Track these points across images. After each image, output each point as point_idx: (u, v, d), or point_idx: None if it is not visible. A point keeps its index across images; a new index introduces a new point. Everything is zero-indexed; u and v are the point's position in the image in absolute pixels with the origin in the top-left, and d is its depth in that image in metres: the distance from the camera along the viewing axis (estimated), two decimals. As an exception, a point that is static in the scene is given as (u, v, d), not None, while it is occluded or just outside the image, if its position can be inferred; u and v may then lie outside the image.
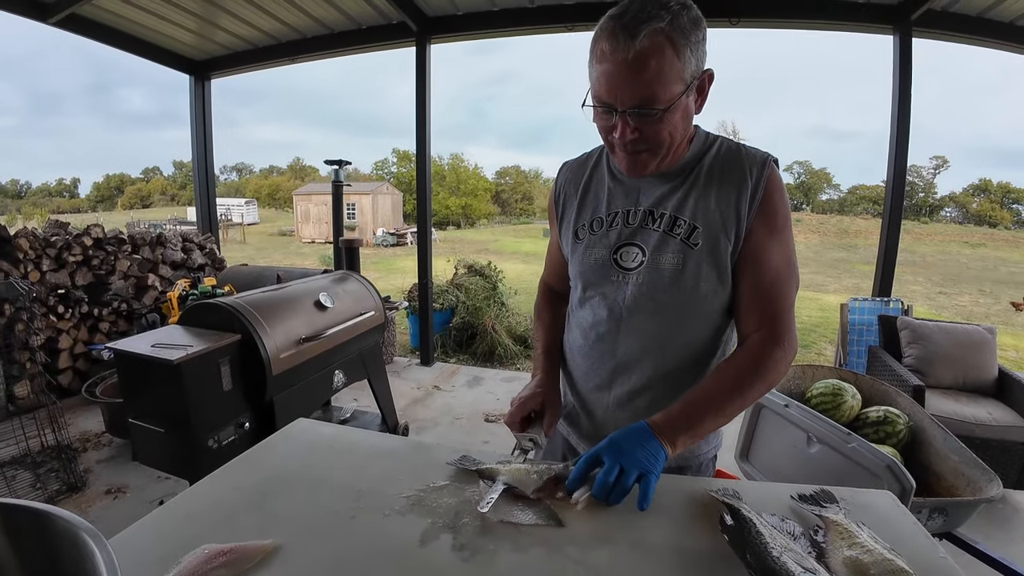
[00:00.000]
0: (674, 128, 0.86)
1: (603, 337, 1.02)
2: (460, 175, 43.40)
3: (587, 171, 1.08)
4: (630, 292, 0.97)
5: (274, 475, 0.88)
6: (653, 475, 0.78)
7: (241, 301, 2.12)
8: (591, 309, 1.04)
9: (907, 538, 0.73)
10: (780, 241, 0.92)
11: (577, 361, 1.09)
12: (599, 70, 0.83)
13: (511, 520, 0.75)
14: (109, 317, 4.05)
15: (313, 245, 24.18)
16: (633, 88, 0.80)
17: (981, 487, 1.64)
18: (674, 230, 0.94)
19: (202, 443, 1.87)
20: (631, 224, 0.98)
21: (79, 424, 3.36)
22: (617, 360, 1.01)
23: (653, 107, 0.81)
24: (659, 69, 0.79)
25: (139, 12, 4.09)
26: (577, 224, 1.06)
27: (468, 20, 4.18)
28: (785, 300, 0.93)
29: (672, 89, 0.81)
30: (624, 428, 0.85)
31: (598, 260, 1.00)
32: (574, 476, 0.81)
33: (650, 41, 0.77)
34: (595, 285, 1.02)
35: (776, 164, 0.93)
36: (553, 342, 1.17)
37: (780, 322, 0.92)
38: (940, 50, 15.50)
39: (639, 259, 0.96)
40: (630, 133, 0.85)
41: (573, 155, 1.15)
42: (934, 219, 47.00)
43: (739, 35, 5.61)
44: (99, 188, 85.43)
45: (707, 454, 1.09)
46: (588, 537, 0.73)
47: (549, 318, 1.21)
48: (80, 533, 0.49)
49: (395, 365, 4.85)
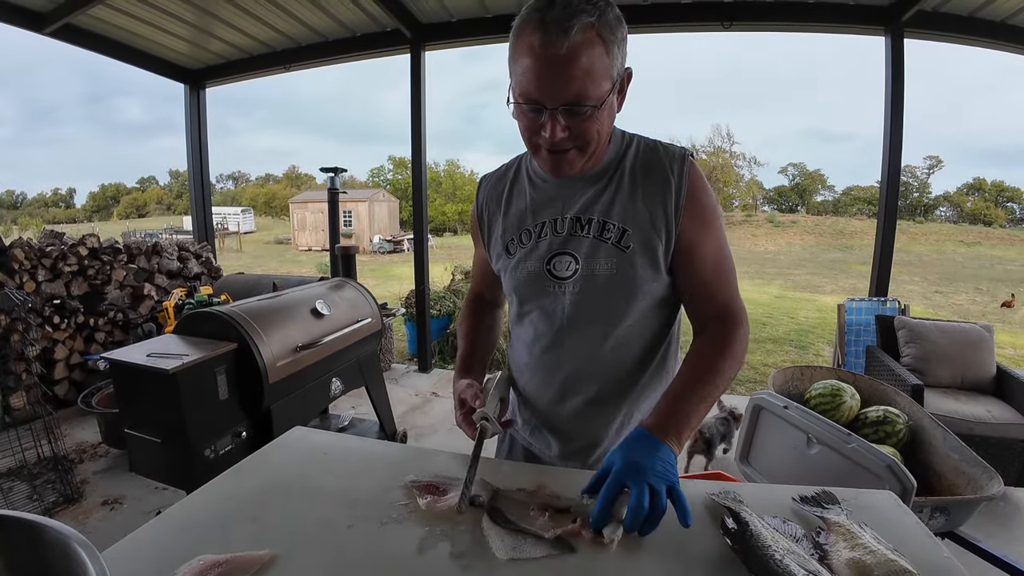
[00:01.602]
0: (602, 126, 0.84)
1: (548, 350, 1.01)
2: (456, 181, 43.42)
3: (507, 184, 1.05)
4: (568, 301, 0.96)
5: (270, 485, 0.87)
6: (678, 485, 0.73)
7: (237, 310, 2.11)
8: (531, 323, 1.02)
9: (910, 538, 0.72)
10: (712, 233, 0.93)
11: (526, 377, 1.07)
12: (525, 65, 0.78)
13: (521, 557, 0.69)
14: (105, 327, 4.03)
15: (310, 253, 24.15)
16: (564, 85, 0.77)
17: (982, 485, 1.63)
18: (604, 235, 0.92)
19: (199, 453, 1.86)
20: (560, 233, 0.95)
21: (75, 435, 3.34)
22: (566, 372, 1.00)
23: (584, 104, 0.79)
24: (591, 65, 0.76)
25: (133, 21, 4.10)
26: (505, 239, 1.02)
27: (462, 27, 4.19)
28: (730, 286, 0.96)
29: (602, 86, 0.79)
30: (628, 441, 0.79)
31: (531, 273, 0.98)
32: (599, 512, 0.72)
33: (582, 36, 0.75)
34: (531, 299, 1.00)
35: (693, 157, 0.93)
36: (472, 348, 1.13)
37: (731, 305, 0.95)
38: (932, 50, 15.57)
39: (573, 267, 0.94)
40: (560, 132, 0.81)
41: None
42: (929, 219, 47.16)
43: (731, 38, 5.64)
44: (95, 198, 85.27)
45: None
46: (589, 542, 0.72)
47: (467, 327, 1.18)
48: (72, 544, 0.49)
49: (393, 372, 4.83)
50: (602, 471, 0.77)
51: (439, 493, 0.83)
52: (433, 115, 7.40)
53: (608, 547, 0.70)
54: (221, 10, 3.99)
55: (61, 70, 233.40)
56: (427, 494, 0.82)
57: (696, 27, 3.93)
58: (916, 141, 79.13)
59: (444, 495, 0.82)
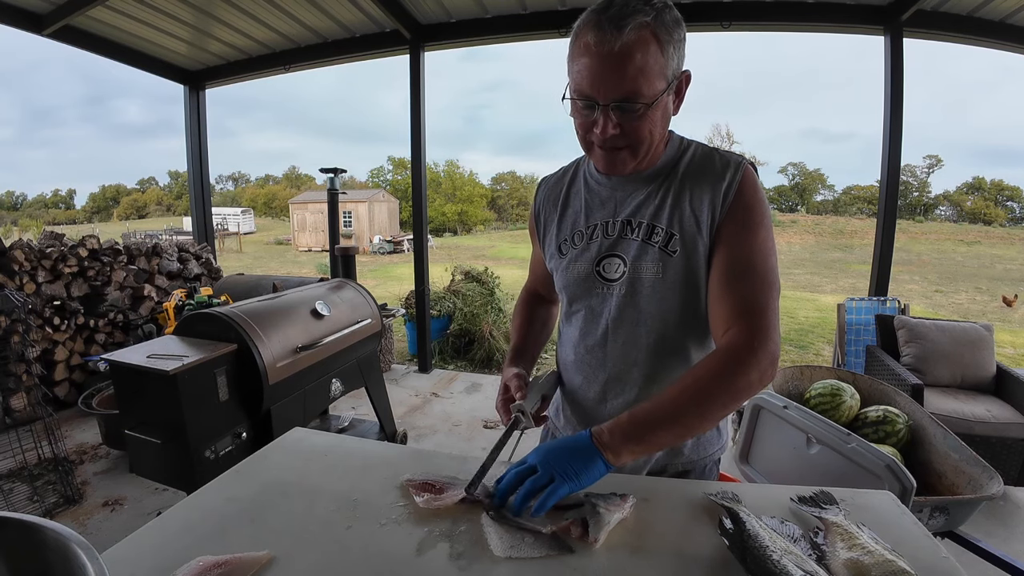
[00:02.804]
0: (654, 126, 0.84)
1: (592, 350, 1.01)
2: (456, 181, 43.45)
3: (564, 186, 1.07)
4: (615, 303, 0.96)
5: (269, 486, 0.87)
6: (570, 485, 0.75)
7: (237, 311, 2.11)
8: (578, 323, 1.03)
9: (908, 538, 0.72)
10: (752, 236, 0.87)
11: (571, 376, 1.08)
12: (581, 63, 0.80)
13: (519, 556, 0.69)
14: (105, 328, 4.04)
15: (309, 253, 24.15)
16: (617, 81, 0.78)
17: (982, 485, 1.63)
18: (652, 239, 0.92)
19: (199, 454, 1.86)
20: (610, 235, 0.97)
21: (75, 436, 3.34)
22: (608, 373, 1.00)
23: (637, 101, 0.80)
24: (644, 63, 0.77)
25: (133, 23, 4.10)
26: (559, 239, 1.05)
27: (461, 27, 4.20)
28: (759, 295, 0.84)
29: (656, 85, 0.80)
30: (565, 437, 0.83)
31: (581, 273, 0.99)
32: (503, 488, 0.77)
33: (636, 34, 0.76)
34: (580, 298, 1.02)
35: (754, 168, 0.91)
36: (523, 341, 1.17)
37: (753, 319, 0.83)
38: (931, 50, 15.60)
39: (621, 270, 0.95)
40: (612, 129, 0.83)
41: (569, 160, 1.15)
42: (929, 218, 47.11)
43: (731, 38, 5.64)
44: (95, 199, 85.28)
45: (710, 457, 1.07)
46: (577, 538, 0.72)
47: (521, 320, 1.22)
48: (71, 546, 0.49)
49: (393, 373, 4.84)
50: (528, 456, 0.81)
51: (435, 491, 0.83)
52: (433, 116, 7.40)
53: (592, 545, 0.71)
54: (220, 11, 4.00)
55: (61, 72, 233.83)
56: (423, 492, 0.82)
57: (696, 27, 3.92)
58: (916, 140, 79.18)
59: (440, 493, 0.82)
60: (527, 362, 1.13)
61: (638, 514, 0.78)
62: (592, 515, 0.74)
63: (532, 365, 1.13)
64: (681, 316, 0.94)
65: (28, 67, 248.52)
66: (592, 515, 0.74)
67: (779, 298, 0.87)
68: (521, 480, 0.77)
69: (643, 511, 0.79)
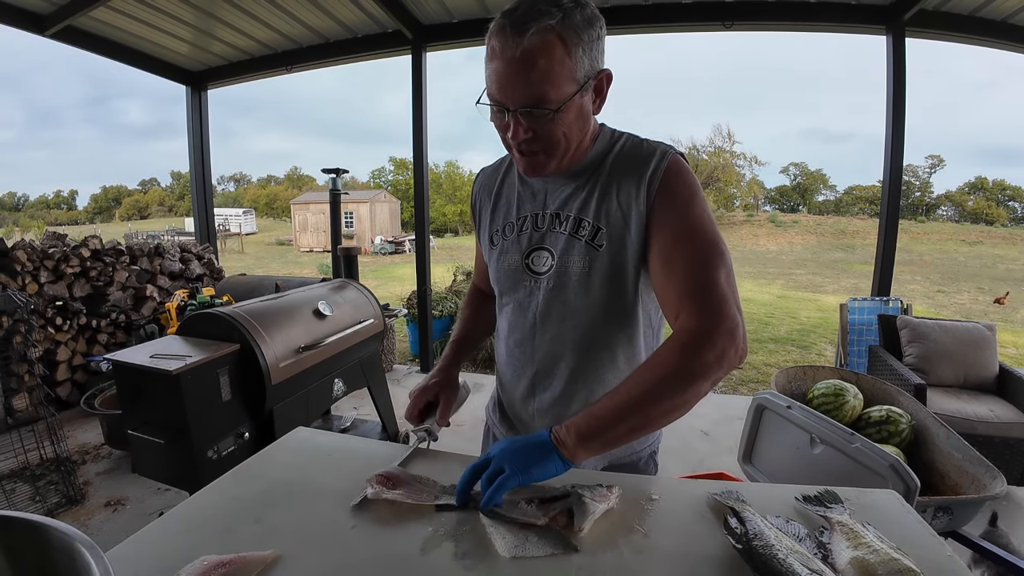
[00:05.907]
0: (568, 128, 0.83)
1: (520, 344, 1.01)
2: (456, 182, 43.48)
3: (499, 176, 1.07)
4: (542, 297, 0.96)
5: (273, 485, 0.87)
6: (524, 482, 0.75)
7: (240, 311, 2.12)
8: (507, 316, 1.03)
9: (913, 537, 0.72)
10: (682, 214, 0.84)
11: (503, 370, 1.09)
12: (491, 68, 0.79)
13: (524, 555, 0.69)
14: (107, 328, 4.04)
15: (311, 254, 24.18)
16: (522, 87, 0.77)
17: (985, 484, 1.63)
18: (579, 232, 0.91)
19: (202, 454, 1.86)
20: (540, 228, 0.96)
21: (78, 436, 3.35)
22: (536, 367, 1.00)
23: (543, 107, 0.78)
24: (549, 68, 0.76)
25: (135, 23, 4.11)
26: (492, 230, 1.04)
27: (463, 28, 4.20)
28: (701, 271, 0.81)
29: (563, 89, 0.78)
30: (527, 435, 0.81)
31: (511, 266, 0.99)
32: (461, 483, 0.78)
33: (540, 39, 0.74)
34: (510, 291, 1.01)
35: (683, 156, 0.89)
36: (464, 335, 1.19)
37: (699, 298, 0.79)
38: (933, 50, 15.68)
39: (549, 263, 0.94)
40: (523, 133, 0.82)
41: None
42: (931, 218, 47.08)
43: (732, 38, 5.64)
44: (97, 200, 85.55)
45: (643, 451, 1.07)
46: (592, 542, 0.72)
47: (466, 313, 1.24)
48: (76, 545, 0.49)
49: (395, 373, 4.83)
50: (487, 453, 0.81)
51: (390, 485, 0.82)
52: (434, 118, 7.40)
53: (577, 533, 0.72)
54: (222, 12, 4.00)
55: (63, 73, 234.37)
56: (378, 484, 0.82)
57: (697, 27, 3.93)
58: (918, 140, 79.08)
59: (394, 488, 0.82)
60: (458, 355, 1.16)
61: (644, 514, 0.78)
62: (578, 505, 0.75)
63: (466, 358, 1.17)
64: (607, 311, 0.93)
65: (30, 68, 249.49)
66: (578, 505, 0.75)
67: (730, 269, 0.83)
68: (477, 475, 0.78)
69: (649, 511, 0.79)
